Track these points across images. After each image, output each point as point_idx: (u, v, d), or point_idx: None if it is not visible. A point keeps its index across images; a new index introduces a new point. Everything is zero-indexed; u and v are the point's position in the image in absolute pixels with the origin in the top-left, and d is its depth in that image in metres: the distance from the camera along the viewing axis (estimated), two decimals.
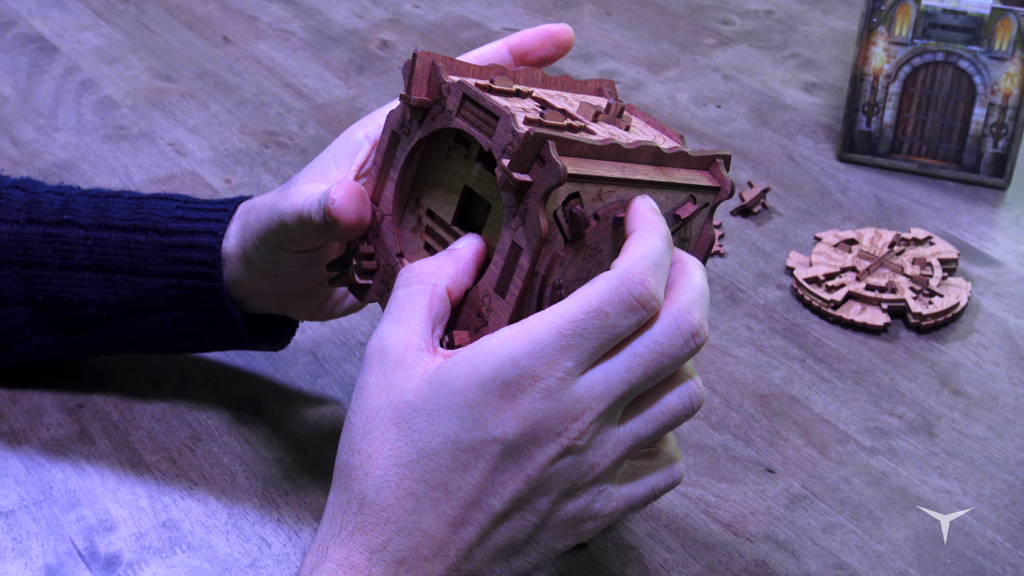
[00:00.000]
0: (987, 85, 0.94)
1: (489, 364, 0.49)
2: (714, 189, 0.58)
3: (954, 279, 0.84)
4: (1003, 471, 0.70)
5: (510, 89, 0.56)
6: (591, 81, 0.62)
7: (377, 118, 0.62)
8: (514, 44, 0.62)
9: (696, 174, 0.58)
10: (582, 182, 0.52)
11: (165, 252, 0.66)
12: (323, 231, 0.59)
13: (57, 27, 1.19)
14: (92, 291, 0.68)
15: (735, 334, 0.80)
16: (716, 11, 1.27)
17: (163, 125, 1.02)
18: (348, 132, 0.62)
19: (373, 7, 1.26)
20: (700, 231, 0.59)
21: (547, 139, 0.50)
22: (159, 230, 0.67)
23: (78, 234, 0.68)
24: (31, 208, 0.69)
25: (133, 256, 0.67)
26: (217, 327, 0.68)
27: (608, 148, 0.53)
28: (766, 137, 1.03)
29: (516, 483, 0.49)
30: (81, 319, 0.68)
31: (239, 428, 0.71)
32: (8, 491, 0.66)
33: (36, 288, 0.68)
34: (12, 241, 0.68)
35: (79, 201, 0.69)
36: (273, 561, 0.62)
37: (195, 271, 0.66)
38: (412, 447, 0.49)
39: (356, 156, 0.61)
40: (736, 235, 0.90)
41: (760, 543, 0.65)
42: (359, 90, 1.09)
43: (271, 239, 0.62)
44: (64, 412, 0.71)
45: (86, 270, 0.68)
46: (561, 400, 0.49)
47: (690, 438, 0.71)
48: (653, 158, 0.55)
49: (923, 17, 0.93)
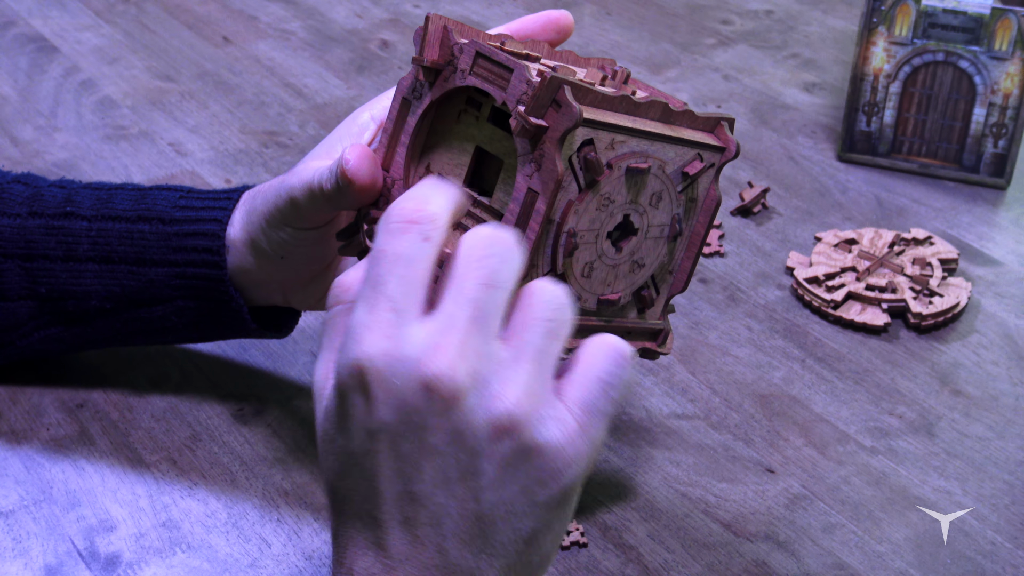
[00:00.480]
0: (987, 85, 0.94)
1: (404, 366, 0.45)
2: (720, 149, 0.60)
3: (954, 279, 0.84)
4: (1003, 471, 0.70)
5: (520, 52, 0.58)
6: (593, 59, 0.63)
7: (383, 100, 0.62)
8: (515, 29, 0.62)
9: (702, 134, 0.60)
10: (596, 128, 0.53)
11: (168, 241, 0.66)
12: (335, 199, 0.58)
13: (57, 27, 1.19)
14: (95, 282, 0.68)
15: (735, 334, 0.80)
16: (716, 11, 1.27)
17: (163, 125, 1.02)
18: (354, 115, 0.63)
19: (373, 7, 1.26)
20: (707, 191, 0.61)
21: (563, 83, 0.51)
22: (163, 219, 0.67)
23: (81, 226, 0.68)
24: (33, 202, 0.69)
25: (136, 246, 0.67)
26: (221, 316, 0.67)
27: (620, 100, 0.55)
28: (766, 137, 1.03)
29: (425, 455, 0.44)
30: (84, 311, 0.68)
31: (239, 428, 0.71)
32: (8, 491, 0.66)
33: (39, 281, 0.68)
34: (15, 234, 0.68)
35: (81, 194, 0.69)
36: (273, 561, 0.62)
37: (199, 259, 0.66)
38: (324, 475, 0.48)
39: (362, 136, 0.61)
40: (736, 235, 0.90)
41: (760, 543, 0.65)
42: (359, 90, 1.09)
43: (279, 217, 0.62)
44: (64, 412, 0.71)
45: (89, 261, 0.68)
46: (479, 391, 0.44)
47: (690, 438, 0.71)
48: (662, 115, 0.57)
49: (923, 17, 0.93)
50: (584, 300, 0.57)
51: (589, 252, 0.57)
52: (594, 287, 0.58)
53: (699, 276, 0.85)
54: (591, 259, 0.57)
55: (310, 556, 0.63)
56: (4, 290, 0.68)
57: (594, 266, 0.57)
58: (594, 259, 0.57)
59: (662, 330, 0.63)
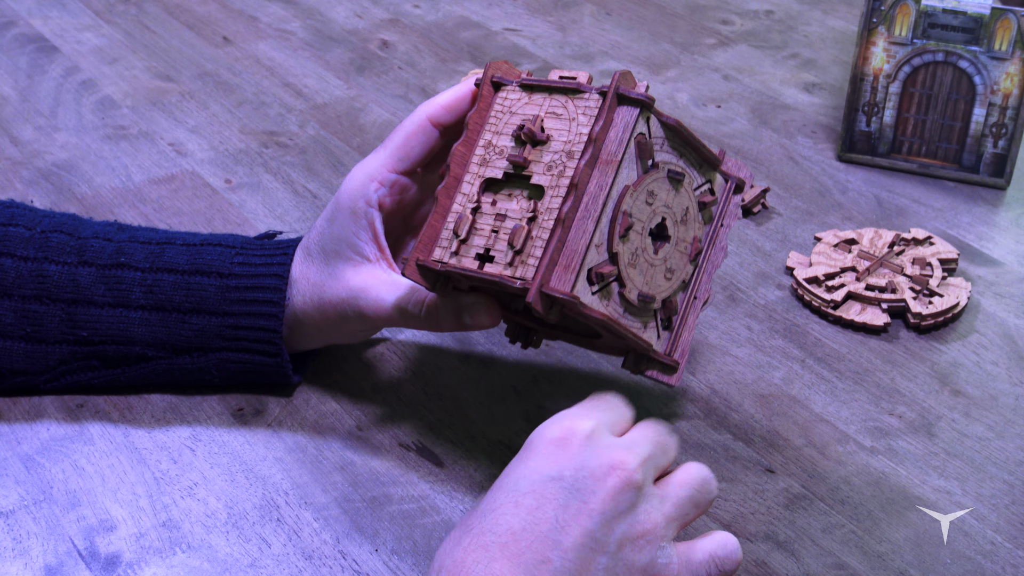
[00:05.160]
0: (987, 85, 0.94)
1: (538, 432, 0.56)
2: (727, 177, 0.68)
3: (954, 279, 0.84)
4: (1003, 471, 0.70)
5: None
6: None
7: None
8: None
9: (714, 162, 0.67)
10: (650, 118, 0.62)
11: (228, 293, 0.69)
12: (423, 322, 0.67)
13: (57, 27, 1.19)
14: (142, 329, 0.69)
15: (735, 334, 0.80)
16: (716, 11, 1.27)
17: (163, 125, 1.02)
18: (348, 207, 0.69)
19: (373, 7, 1.26)
20: (717, 239, 0.67)
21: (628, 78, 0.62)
22: (221, 273, 0.70)
23: (135, 276, 0.70)
24: (83, 251, 0.70)
25: (193, 296, 0.69)
26: (264, 369, 0.70)
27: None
28: (766, 137, 1.03)
29: (582, 518, 0.53)
30: (124, 355, 0.70)
31: (239, 428, 0.71)
32: (8, 491, 0.66)
33: (81, 325, 0.69)
34: (64, 280, 0.69)
35: (132, 247, 0.71)
36: (273, 561, 0.62)
37: (257, 311, 0.69)
38: (476, 510, 0.55)
39: (372, 228, 0.68)
40: (736, 235, 0.90)
41: (760, 543, 0.65)
42: (359, 90, 1.09)
43: (348, 326, 0.70)
44: (64, 412, 0.71)
45: (140, 309, 0.69)
46: (602, 444, 0.55)
47: (690, 438, 0.71)
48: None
49: (923, 17, 0.93)
50: (628, 290, 0.61)
51: (636, 241, 0.61)
52: (636, 280, 0.61)
53: None
54: (636, 249, 0.61)
55: (310, 556, 0.63)
56: (42, 333, 0.69)
57: (638, 258, 0.61)
58: (638, 250, 0.61)
59: (673, 366, 0.66)
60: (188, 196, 0.92)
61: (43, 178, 0.94)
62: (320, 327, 0.70)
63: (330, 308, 0.68)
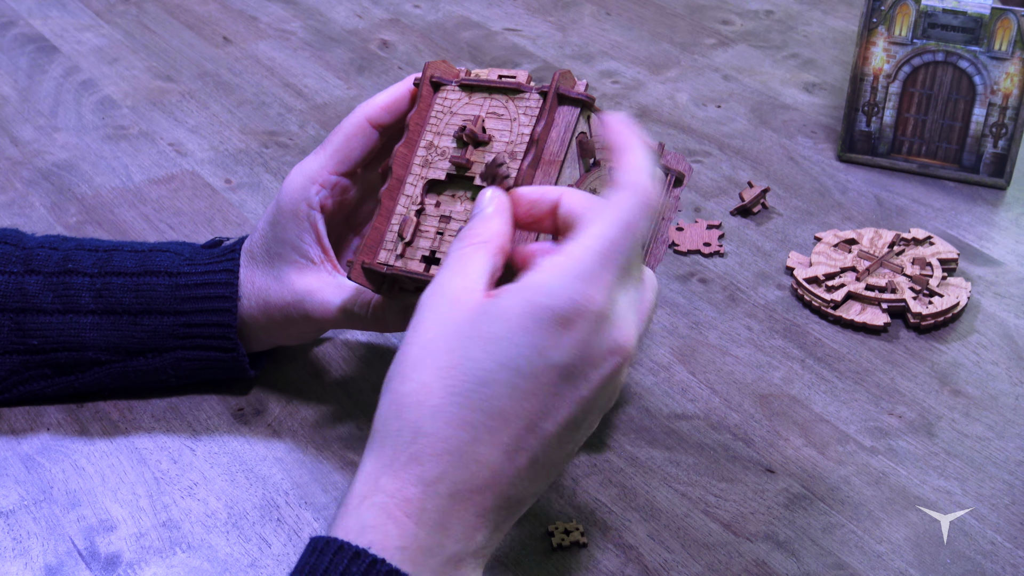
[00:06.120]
0: (987, 85, 0.94)
1: (542, 295, 0.50)
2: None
3: (954, 279, 0.84)
4: (1003, 471, 0.70)
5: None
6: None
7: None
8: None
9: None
10: (589, 118, 0.62)
11: (178, 291, 0.69)
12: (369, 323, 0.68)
13: (57, 27, 1.19)
14: (94, 334, 0.69)
15: (735, 334, 0.80)
16: (716, 11, 1.27)
17: (163, 125, 1.02)
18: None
19: (373, 7, 1.26)
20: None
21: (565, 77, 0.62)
22: (170, 273, 0.69)
23: (83, 281, 0.69)
24: (29, 260, 0.70)
25: (143, 297, 0.69)
26: (221, 364, 0.70)
27: None
28: (766, 137, 1.03)
29: (570, 406, 0.51)
30: (77, 361, 0.69)
31: (239, 428, 0.71)
32: (8, 491, 0.66)
33: (30, 334, 0.69)
34: (11, 288, 0.69)
35: (79, 254, 0.70)
36: (273, 561, 0.62)
37: (209, 307, 0.68)
38: (467, 376, 0.50)
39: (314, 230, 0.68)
40: (736, 235, 0.90)
41: (760, 543, 0.65)
42: (359, 90, 1.09)
43: (294, 328, 0.70)
44: (64, 412, 0.71)
45: (90, 314, 0.69)
46: (613, 321, 0.51)
47: (690, 438, 0.71)
48: None
49: (923, 17, 0.93)
50: None
51: None
52: None
53: (699, 276, 0.85)
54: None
55: None
56: None
57: None
58: None
59: None
60: (188, 196, 0.92)
61: (43, 178, 0.94)
62: (266, 329, 0.70)
63: (276, 311, 0.68)
